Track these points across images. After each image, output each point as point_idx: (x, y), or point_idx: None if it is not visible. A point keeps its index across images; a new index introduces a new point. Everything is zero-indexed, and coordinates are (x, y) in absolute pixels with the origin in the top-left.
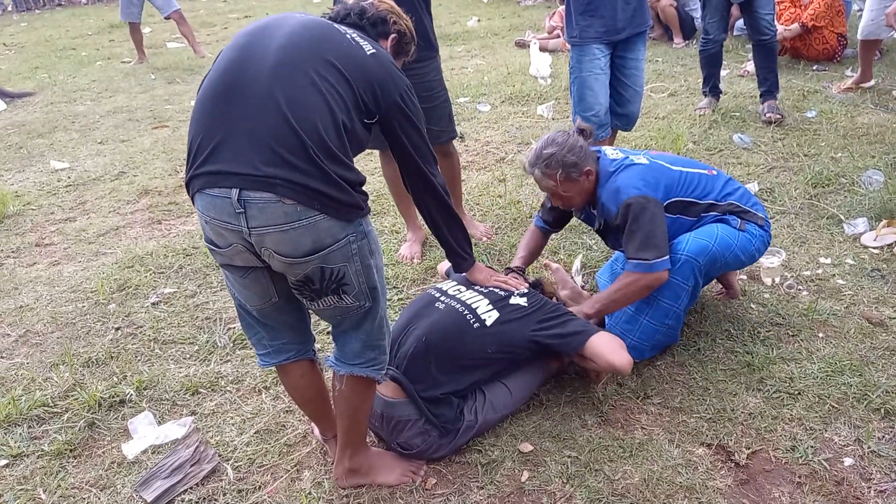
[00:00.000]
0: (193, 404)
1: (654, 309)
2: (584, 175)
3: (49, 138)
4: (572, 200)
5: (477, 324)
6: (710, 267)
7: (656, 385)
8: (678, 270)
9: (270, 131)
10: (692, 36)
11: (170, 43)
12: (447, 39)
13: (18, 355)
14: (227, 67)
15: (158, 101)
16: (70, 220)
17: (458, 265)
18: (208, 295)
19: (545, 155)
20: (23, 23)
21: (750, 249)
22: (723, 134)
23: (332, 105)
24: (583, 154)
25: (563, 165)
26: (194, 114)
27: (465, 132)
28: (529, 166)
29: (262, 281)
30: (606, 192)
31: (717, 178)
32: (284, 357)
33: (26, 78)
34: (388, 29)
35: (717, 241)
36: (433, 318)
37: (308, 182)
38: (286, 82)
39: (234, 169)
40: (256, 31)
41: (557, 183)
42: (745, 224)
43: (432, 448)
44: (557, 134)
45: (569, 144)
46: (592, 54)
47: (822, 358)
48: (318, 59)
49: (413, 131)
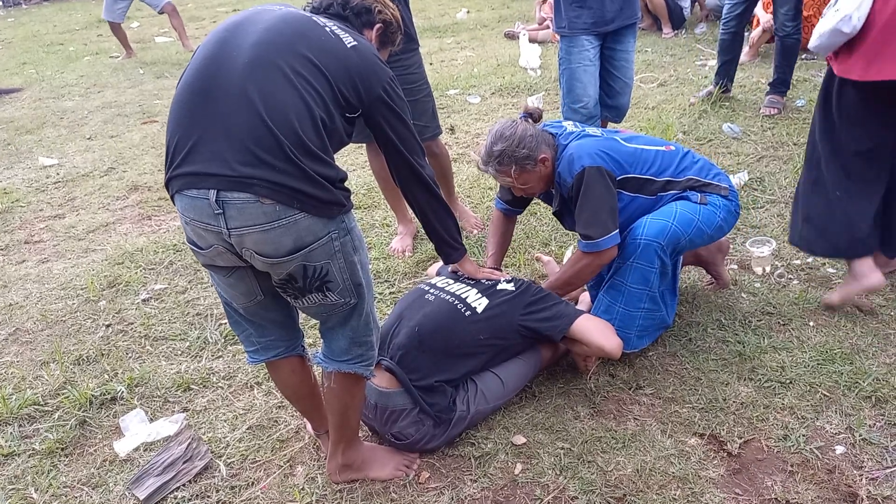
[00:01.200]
0: (185, 401)
1: (625, 296)
2: (539, 163)
3: (37, 134)
4: (533, 189)
5: (468, 312)
6: (675, 246)
7: (648, 375)
8: (640, 255)
9: (246, 131)
10: (681, 26)
11: (158, 38)
12: (436, 31)
13: (8, 354)
14: (202, 65)
15: (147, 96)
16: (59, 217)
17: (448, 255)
18: (199, 291)
19: (496, 152)
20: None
21: (714, 221)
22: (713, 124)
23: (308, 102)
24: (534, 143)
25: (515, 160)
26: (171, 113)
27: (455, 124)
28: (483, 164)
29: (247, 280)
30: (562, 164)
31: (674, 153)
32: (273, 353)
33: (14, 74)
34: (372, 18)
35: (675, 218)
36: (425, 310)
37: (286, 181)
38: (261, 80)
39: (211, 170)
40: (232, 27)
41: (514, 178)
42: (707, 196)
43: (426, 438)
44: (505, 126)
45: (517, 136)
46: (581, 45)
47: (813, 346)
48: (294, 55)
49: (398, 123)
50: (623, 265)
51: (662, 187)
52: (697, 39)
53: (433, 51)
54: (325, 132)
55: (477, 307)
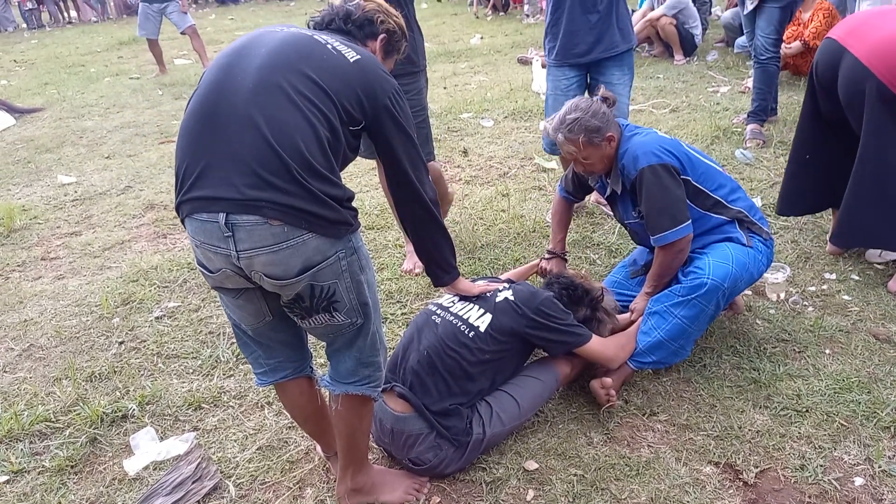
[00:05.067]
0: (196, 420)
1: (669, 326)
2: (606, 140)
3: (57, 153)
4: (594, 167)
5: (471, 332)
6: (733, 290)
7: (662, 402)
8: (704, 295)
9: (252, 154)
10: (692, 53)
11: (177, 59)
12: (450, 56)
13: (22, 369)
14: (208, 90)
15: (165, 117)
16: (76, 234)
17: (438, 278)
18: (212, 309)
19: (569, 120)
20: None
21: (760, 267)
22: (725, 149)
23: (313, 122)
24: (606, 119)
25: (585, 130)
26: (179, 139)
27: (468, 147)
28: (553, 131)
29: (256, 301)
30: (626, 156)
31: (729, 177)
32: (282, 375)
33: (36, 94)
34: (375, 29)
35: (735, 263)
36: (433, 333)
37: (294, 202)
38: (265, 104)
39: (220, 194)
40: (236, 52)
41: (580, 147)
42: (752, 239)
43: (444, 463)
44: (581, 100)
45: (592, 110)
46: (555, 74)
47: (829, 374)
48: (297, 76)
49: (401, 135)
50: (680, 298)
51: (713, 206)
52: (709, 66)
53: (447, 75)
54: (331, 151)
55: (479, 325)
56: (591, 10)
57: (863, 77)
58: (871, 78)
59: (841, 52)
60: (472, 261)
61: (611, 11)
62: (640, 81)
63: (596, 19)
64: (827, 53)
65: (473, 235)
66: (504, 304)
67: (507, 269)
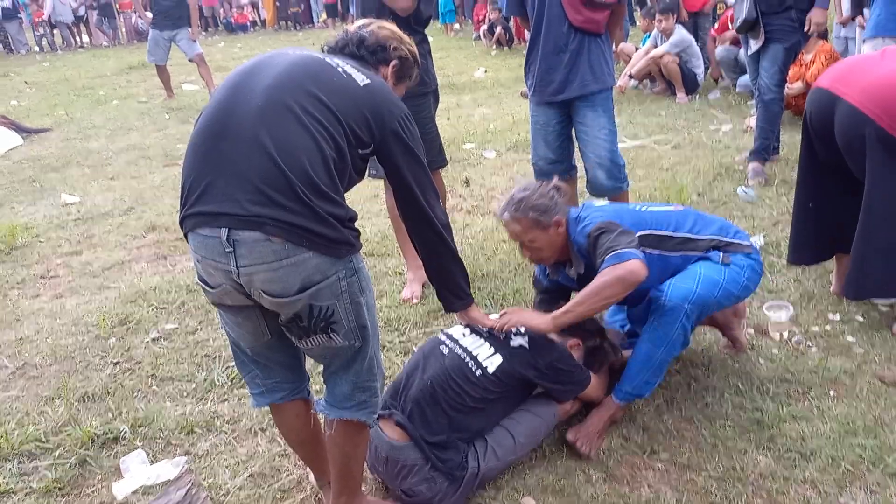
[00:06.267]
0: (188, 444)
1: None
2: (553, 225)
3: (62, 173)
4: (541, 253)
5: (479, 371)
6: (701, 310)
7: (663, 440)
8: (664, 318)
9: (257, 172)
10: (695, 91)
11: (185, 85)
12: (455, 89)
13: (14, 388)
14: (217, 109)
15: (171, 140)
16: (76, 254)
17: (451, 304)
18: (209, 332)
19: (516, 198)
20: (45, 63)
21: (740, 281)
22: (727, 187)
23: (319, 142)
24: (555, 202)
25: (531, 209)
26: (187, 155)
27: (470, 177)
28: (501, 210)
29: (255, 319)
30: (577, 233)
31: (686, 212)
32: (278, 396)
33: (44, 115)
34: (388, 56)
35: (700, 281)
36: (438, 364)
37: (296, 220)
38: (272, 123)
39: (223, 209)
40: (247, 72)
41: (524, 229)
42: (730, 256)
43: (437, 496)
44: (531, 182)
45: (541, 191)
46: (534, 111)
47: (834, 417)
48: (305, 96)
49: (411, 160)
50: (647, 326)
51: (682, 243)
52: (711, 105)
53: (451, 107)
54: (336, 172)
55: (488, 367)
56: (562, 50)
57: (860, 123)
58: (868, 123)
59: (834, 101)
60: (473, 290)
61: (581, 51)
62: (641, 118)
63: (566, 58)
64: (819, 103)
65: (474, 265)
66: (519, 351)
67: (507, 300)
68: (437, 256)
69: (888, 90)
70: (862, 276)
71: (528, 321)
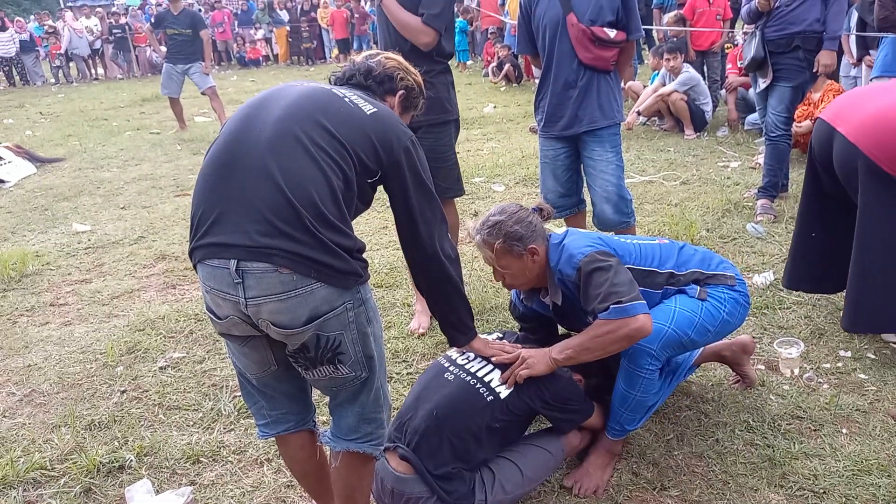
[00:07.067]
0: (193, 474)
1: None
2: (527, 253)
3: (74, 202)
4: (514, 280)
5: (491, 396)
6: (672, 349)
7: (674, 476)
8: (631, 359)
9: (266, 203)
10: (703, 128)
11: (197, 117)
12: (464, 123)
13: (21, 415)
14: (227, 140)
15: (182, 171)
16: (86, 282)
17: (455, 339)
18: (217, 361)
19: (490, 222)
20: (60, 94)
21: (718, 317)
22: (736, 223)
23: (327, 173)
24: (531, 229)
25: (504, 235)
26: (197, 185)
27: (478, 210)
28: (474, 232)
29: (261, 349)
30: (561, 262)
31: (671, 245)
32: (284, 427)
33: (58, 145)
34: (394, 86)
35: (673, 321)
36: (443, 392)
37: (304, 251)
38: (281, 154)
39: (232, 241)
40: (257, 104)
41: (495, 253)
42: (707, 290)
43: None
44: (510, 205)
45: (518, 216)
46: (543, 144)
47: (846, 455)
48: (314, 127)
49: (416, 187)
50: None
51: (666, 280)
52: (719, 142)
53: (460, 141)
54: (344, 202)
55: (500, 392)
56: (571, 86)
57: (853, 156)
58: (860, 156)
59: (831, 132)
60: (481, 322)
61: (590, 87)
62: (650, 154)
63: (575, 94)
64: (820, 135)
65: (483, 297)
66: (527, 381)
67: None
68: (441, 294)
69: (880, 124)
70: (857, 310)
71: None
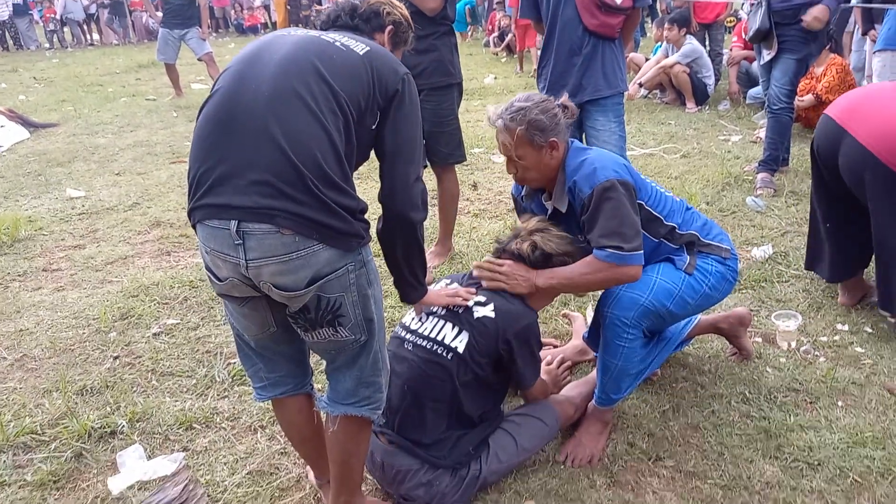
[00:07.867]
0: (186, 440)
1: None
2: (547, 146)
3: (68, 167)
4: (527, 174)
5: (450, 354)
6: (649, 321)
7: (669, 447)
8: (607, 329)
9: (268, 164)
10: (705, 102)
11: (194, 84)
12: (464, 93)
13: (12, 380)
14: (223, 98)
15: (178, 138)
16: (80, 248)
17: (407, 295)
18: (211, 328)
19: (515, 107)
20: (55, 59)
21: (700, 290)
22: (736, 196)
23: (329, 129)
24: (555, 122)
25: (528, 122)
26: (193, 144)
27: (478, 181)
28: (494, 116)
29: (261, 310)
30: (581, 172)
31: (681, 202)
32: (281, 390)
33: (52, 110)
34: (382, 22)
35: (651, 292)
36: (406, 365)
37: (307, 212)
38: (281, 112)
39: (233, 202)
40: (249, 59)
41: (514, 140)
42: (697, 259)
43: (436, 499)
44: (536, 94)
45: (544, 105)
46: None
47: (842, 428)
48: (312, 81)
49: (408, 121)
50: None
51: (667, 234)
52: (720, 115)
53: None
54: (345, 158)
55: (458, 346)
56: (576, 53)
57: (865, 160)
58: (874, 161)
59: (841, 134)
60: None
61: (595, 55)
62: (651, 126)
63: (580, 62)
64: (826, 134)
65: None
66: (484, 322)
67: None
68: (402, 243)
69: None
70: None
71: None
